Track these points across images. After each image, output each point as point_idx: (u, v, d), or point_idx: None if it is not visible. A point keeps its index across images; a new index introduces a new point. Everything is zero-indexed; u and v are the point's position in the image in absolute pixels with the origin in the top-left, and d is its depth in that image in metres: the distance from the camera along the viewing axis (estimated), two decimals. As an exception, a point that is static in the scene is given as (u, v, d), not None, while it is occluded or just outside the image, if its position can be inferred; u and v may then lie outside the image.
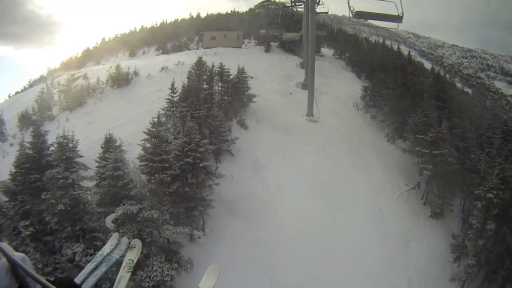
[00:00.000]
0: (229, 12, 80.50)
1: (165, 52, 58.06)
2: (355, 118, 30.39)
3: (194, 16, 79.52)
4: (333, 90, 35.55)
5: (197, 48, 57.03)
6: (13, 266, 1.26)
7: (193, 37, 66.40)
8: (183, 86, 23.88)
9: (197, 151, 16.51)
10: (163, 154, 15.82)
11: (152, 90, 33.03)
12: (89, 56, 67.13)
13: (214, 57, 45.24)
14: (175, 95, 23.38)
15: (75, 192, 14.27)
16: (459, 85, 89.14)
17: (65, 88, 38.59)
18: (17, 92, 56.69)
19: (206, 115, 20.64)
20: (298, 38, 47.26)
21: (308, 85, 27.22)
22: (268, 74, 37.59)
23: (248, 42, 56.44)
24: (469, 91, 77.37)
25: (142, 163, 16.49)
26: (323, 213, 19.63)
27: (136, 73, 38.48)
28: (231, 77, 25.83)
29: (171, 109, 23.60)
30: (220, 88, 25.07)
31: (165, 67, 39.65)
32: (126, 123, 26.35)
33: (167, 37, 64.38)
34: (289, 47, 49.41)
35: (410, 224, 20.89)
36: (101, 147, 18.33)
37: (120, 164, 15.06)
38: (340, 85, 37.73)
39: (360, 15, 25.78)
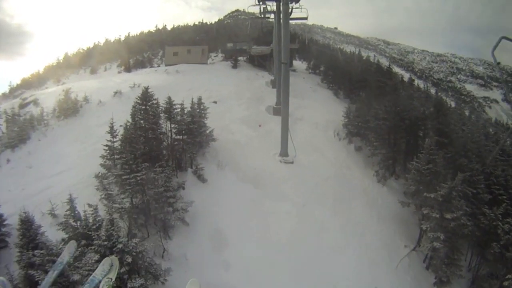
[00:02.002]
0: (197, 23, 76.00)
1: (127, 69, 53.74)
2: (338, 152, 25.60)
3: (160, 28, 74.94)
4: (309, 114, 30.68)
5: (159, 65, 51.73)
6: None
7: (157, 51, 61.97)
8: (125, 126, 18.76)
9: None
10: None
11: (100, 122, 27.46)
12: (51, 73, 62.98)
13: (176, 76, 40.21)
14: (115, 139, 18.52)
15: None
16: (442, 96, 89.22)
17: (10, 118, 32.42)
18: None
19: (145, 178, 15.15)
20: (268, 52, 42.59)
21: (281, 116, 22.20)
22: (234, 96, 32.41)
23: (215, 56, 51.51)
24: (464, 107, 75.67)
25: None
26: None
27: (86, 100, 32.96)
28: (186, 110, 20.41)
29: (112, 156, 18.65)
30: (170, 130, 19.60)
31: (118, 91, 33.98)
32: (66, 170, 21.47)
33: (132, 52, 61.26)
34: (259, 62, 44.57)
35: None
36: (17, 229, 12.94)
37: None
38: (317, 107, 33.00)
39: None
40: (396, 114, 22.64)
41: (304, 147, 24.37)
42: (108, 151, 18.66)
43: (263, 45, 45.83)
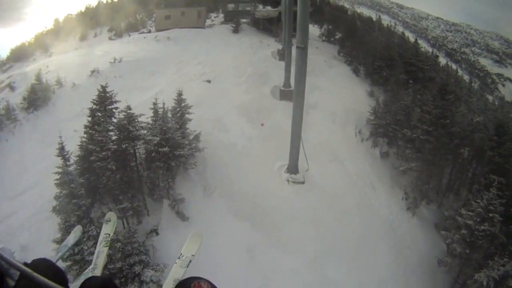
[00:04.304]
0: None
1: (118, 34, 47.39)
2: (360, 160, 19.99)
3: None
4: (325, 99, 24.62)
5: (149, 31, 44.23)
6: None
7: (152, 13, 54.13)
8: (80, 145, 13.92)
9: None
10: None
11: (71, 115, 22.07)
12: (39, 43, 54.15)
13: (166, 45, 33.35)
14: (69, 162, 13.80)
15: None
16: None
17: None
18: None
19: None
20: (275, 15, 35.41)
21: (293, 120, 15.97)
22: (233, 72, 26.09)
23: (215, 17, 43.99)
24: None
25: None
26: None
27: (59, 83, 27.44)
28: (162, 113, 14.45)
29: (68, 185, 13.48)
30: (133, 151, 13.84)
31: (96, 69, 28.20)
32: (30, 188, 17.33)
33: (125, 14, 52.57)
34: (264, 26, 37.38)
35: None
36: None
37: None
38: (334, 89, 26.82)
39: None
40: (442, 127, 16.70)
41: (318, 153, 18.86)
42: (61, 177, 13.35)
43: (269, 7, 38.28)
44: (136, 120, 13.61)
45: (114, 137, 13.59)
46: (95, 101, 14.32)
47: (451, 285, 14.65)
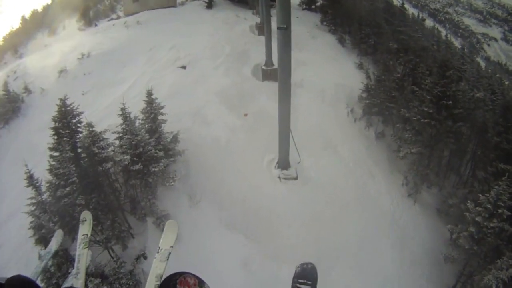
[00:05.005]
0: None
1: (87, 23, 44.13)
2: (355, 144, 18.39)
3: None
4: (311, 75, 22.47)
5: (118, 16, 40.75)
6: None
7: None
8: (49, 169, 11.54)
9: None
10: None
11: (43, 125, 19.44)
12: (8, 44, 50.10)
13: (136, 30, 30.41)
14: (42, 197, 11.48)
15: None
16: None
17: None
18: None
19: None
20: (251, -16, 32.63)
21: (280, 112, 13.90)
22: (209, 53, 23.67)
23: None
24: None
25: None
26: None
27: (27, 90, 24.92)
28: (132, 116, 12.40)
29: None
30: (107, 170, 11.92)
31: (63, 68, 25.73)
32: (4, 221, 15.08)
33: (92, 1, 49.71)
34: (240, -3, 34.54)
35: None
36: None
37: None
38: (320, 63, 24.75)
39: None
40: (446, 109, 15.07)
41: (309, 141, 17.10)
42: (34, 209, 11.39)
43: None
44: (101, 139, 11.57)
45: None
46: (55, 118, 12.09)
47: (457, 278, 13.57)
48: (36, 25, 52.94)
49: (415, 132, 15.91)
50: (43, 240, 11.08)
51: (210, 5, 33.43)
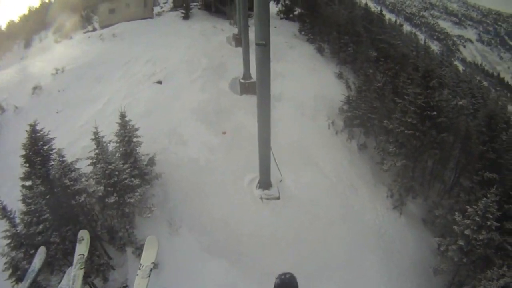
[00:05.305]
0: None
1: (64, 35, 42.34)
2: (337, 158, 18.01)
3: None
4: (290, 87, 21.97)
5: (94, 28, 39.66)
6: None
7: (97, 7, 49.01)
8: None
9: None
10: None
11: (18, 145, 18.29)
12: None
13: (111, 43, 29.56)
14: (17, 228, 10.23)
15: None
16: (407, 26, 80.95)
17: None
18: None
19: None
20: (228, -5, 32.27)
21: (259, 133, 13.32)
22: (185, 66, 23.01)
23: (164, 3, 40.15)
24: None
25: None
26: None
27: (1, 108, 23.72)
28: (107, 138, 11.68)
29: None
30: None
31: (38, 85, 24.56)
32: None
33: (70, 12, 45.96)
34: (217, 8, 34.07)
35: None
36: None
37: None
38: (299, 74, 24.30)
39: None
40: (429, 119, 14.82)
41: (290, 157, 16.62)
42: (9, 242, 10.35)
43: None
44: (72, 170, 10.82)
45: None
46: (25, 146, 11.28)
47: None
48: (12, 36, 51.51)
49: (398, 145, 15.60)
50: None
51: (187, 16, 32.85)
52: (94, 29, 39.37)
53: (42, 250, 4.72)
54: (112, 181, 11.34)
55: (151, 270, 3.29)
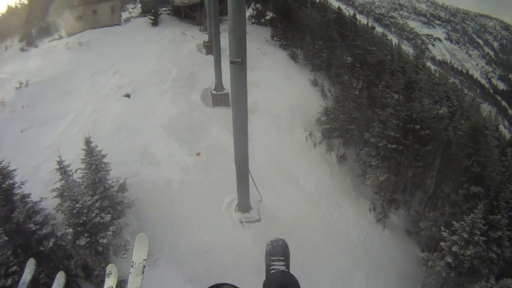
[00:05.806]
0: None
1: (30, 42, 38.27)
2: (317, 173, 17.39)
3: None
4: (265, 97, 21.16)
5: (60, 36, 37.23)
6: None
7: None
8: None
9: None
10: None
11: None
12: None
13: (77, 53, 27.65)
14: None
15: None
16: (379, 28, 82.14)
17: None
18: None
19: None
20: (197, 1, 31.02)
21: (236, 154, 12.44)
22: (155, 77, 21.76)
23: (133, 8, 38.33)
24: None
25: None
26: None
27: None
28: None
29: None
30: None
31: (1, 100, 22.70)
32: None
33: (36, 18, 42.79)
34: (186, 14, 32.80)
35: None
36: None
37: None
38: (273, 82, 23.47)
39: None
40: (412, 132, 14.36)
41: (268, 174, 15.84)
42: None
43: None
44: (37, 211, 9.60)
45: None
46: None
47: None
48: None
49: (381, 158, 15.06)
50: None
51: (156, 22, 31.41)
52: (60, 37, 37.19)
53: (31, 262, 4.77)
54: (81, 220, 10.18)
55: (144, 267, 3.39)
